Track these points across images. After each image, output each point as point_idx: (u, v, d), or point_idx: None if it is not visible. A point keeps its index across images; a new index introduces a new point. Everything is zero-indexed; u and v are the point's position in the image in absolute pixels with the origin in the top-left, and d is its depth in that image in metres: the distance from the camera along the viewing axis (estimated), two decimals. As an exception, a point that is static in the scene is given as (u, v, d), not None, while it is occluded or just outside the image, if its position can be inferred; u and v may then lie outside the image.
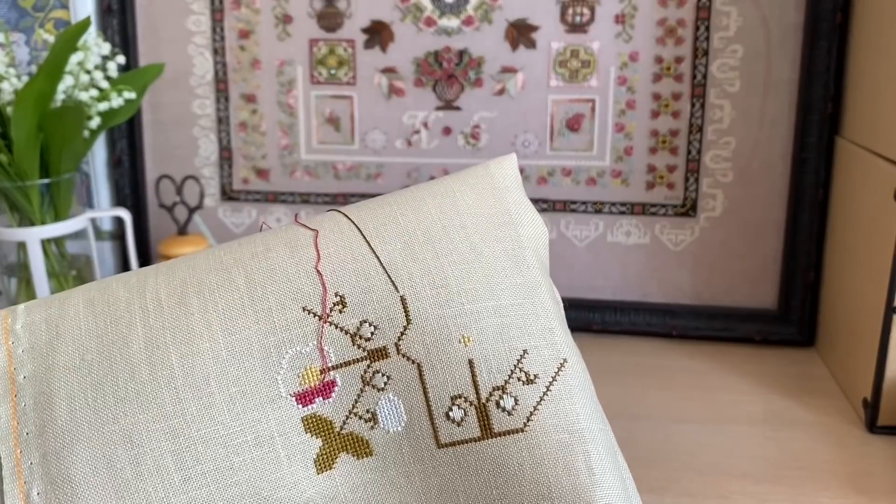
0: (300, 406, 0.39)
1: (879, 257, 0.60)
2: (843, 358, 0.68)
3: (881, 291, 0.60)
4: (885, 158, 0.61)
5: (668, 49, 0.75)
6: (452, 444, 0.39)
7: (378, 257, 0.40)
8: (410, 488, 0.39)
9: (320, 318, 0.39)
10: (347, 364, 0.39)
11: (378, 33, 0.79)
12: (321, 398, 0.39)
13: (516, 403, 0.38)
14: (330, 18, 0.79)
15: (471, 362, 0.39)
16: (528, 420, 0.38)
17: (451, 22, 0.77)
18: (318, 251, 0.41)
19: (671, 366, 0.73)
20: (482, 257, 0.41)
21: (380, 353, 0.39)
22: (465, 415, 0.39)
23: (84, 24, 0.66)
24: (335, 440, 0.39)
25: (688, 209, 0.78)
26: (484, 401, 0.39)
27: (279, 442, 0.38)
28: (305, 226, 0.42)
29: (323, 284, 0.40)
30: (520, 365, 0.39)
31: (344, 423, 0.39)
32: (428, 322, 0.39)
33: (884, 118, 0.62)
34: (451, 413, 0.39)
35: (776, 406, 0.65)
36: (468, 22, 0.77)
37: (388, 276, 0.40)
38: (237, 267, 0.41)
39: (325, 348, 0.39)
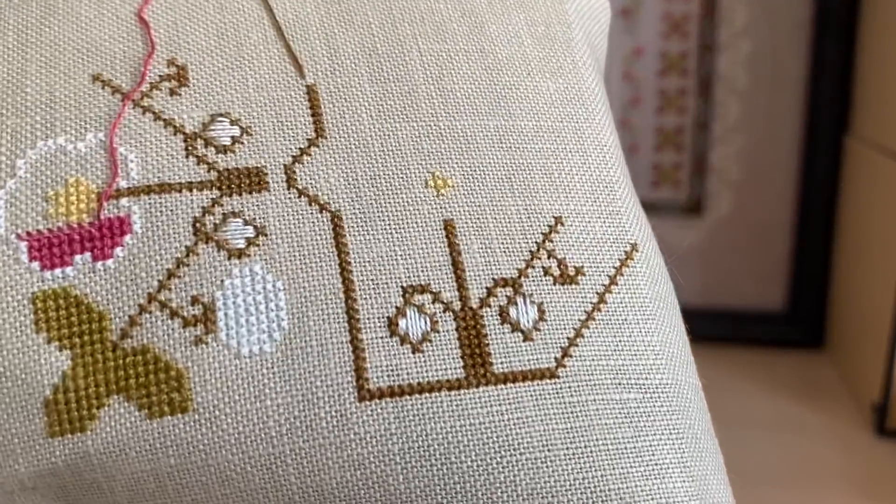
0: (35, 265, 0.18)
1: (889, 258, 0.60)
2: (852, 361, 0.67)
3: (891, 293, 0.59)
4: (895, 157, 0.60)
5: (674, 44, 0.74)
6: (395, 391, 0.19)
7: (269, 5, 0.22)
8: (277, 493, 0.18)
9: (125, 97, 0.20)
10: (168, 189, 0.18)
11: (379, 29, 0.78)
12: (90, 255, 0.18)
13: (540, 318, 0.20)
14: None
15: (447, 225, 0.20)
16: (563, 355, 0.21)
17: (453, 17, 0.77)
18: None
19: (676, 367, 0.72)
20: (483, 33, 0.22)
21: (247, 180, 0.19)
22: (432, 328, 0.19)
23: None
24: (104, 361, 0.18)
25: (694, 208, 0.77)
26: (475, 305, 0.20)
27: None
28: None
29: (150, 40, 0.20)
30: (547, 244, 0.21)
31: (133, 321, 0.18)
32: (360, 140, 0.20)
33: (893, 116, 0.61)
34: (399, 323, 0.19)
35: (784, 409, 0.64)
36: (470, 17, 0.76)
37: (287, 46, 0.21)
38: None
39: (121, 150, 0.19)
